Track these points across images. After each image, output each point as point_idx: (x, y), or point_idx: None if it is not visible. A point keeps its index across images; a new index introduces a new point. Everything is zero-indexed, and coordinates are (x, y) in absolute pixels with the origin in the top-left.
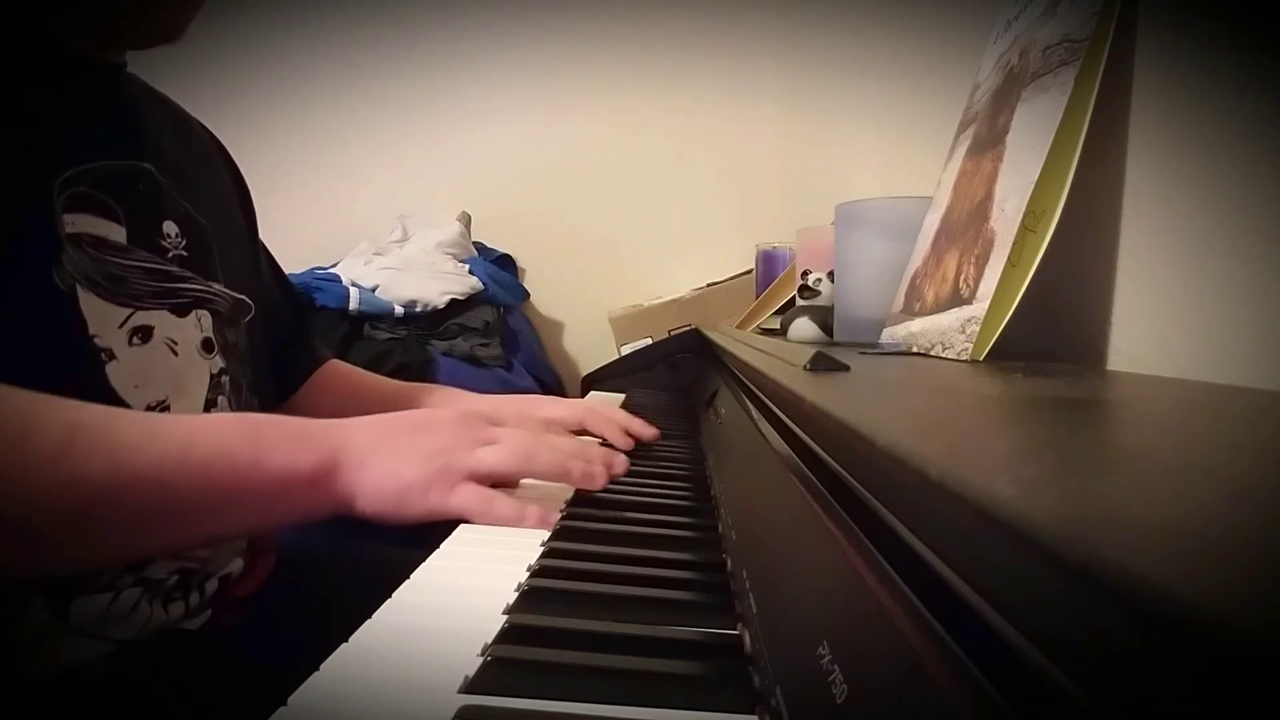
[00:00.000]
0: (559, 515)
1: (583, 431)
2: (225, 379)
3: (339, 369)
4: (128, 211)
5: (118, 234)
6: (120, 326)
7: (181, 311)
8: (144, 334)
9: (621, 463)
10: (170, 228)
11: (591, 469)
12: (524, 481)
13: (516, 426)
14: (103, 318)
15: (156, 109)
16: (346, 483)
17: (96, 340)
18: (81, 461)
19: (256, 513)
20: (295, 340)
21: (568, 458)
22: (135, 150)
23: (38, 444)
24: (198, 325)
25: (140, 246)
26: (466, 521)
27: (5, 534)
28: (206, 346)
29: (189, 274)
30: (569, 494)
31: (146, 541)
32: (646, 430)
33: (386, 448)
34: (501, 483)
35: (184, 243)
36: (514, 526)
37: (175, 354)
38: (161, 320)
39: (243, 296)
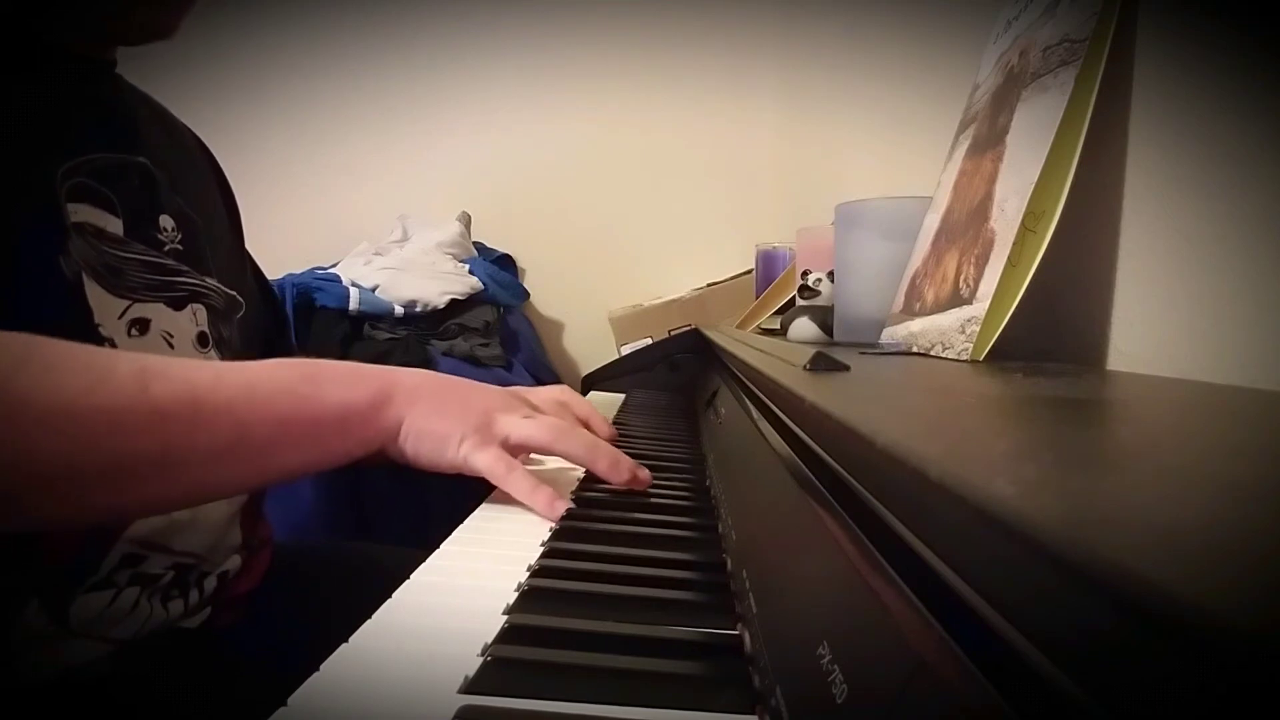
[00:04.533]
0: (567, 505)
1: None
2: None
3: None
4: (124, 204)
5: (115, 226)
6: (119, 318)
7: (177, 305)
8: (141, 326)
9: (646, 475)
10: (166, 221)
11: (618, 459)
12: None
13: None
14: (105, 307)
15: (146, 109)
16: (397, 416)
17: (101, 329)
18: (159, 400)
19: (317, 447)
20: (275, 344)
21: (598, 446)
22: (130, 145)
23: (117, 385)
24: (193, 319)
25: (137, 239)
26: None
27: (94, 475)
28: (202, 340)
29: (185, 268)
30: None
31: (219, 479)
32: (604, 427)
33: (437, 394)
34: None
35: (179, 237)
36: (524, 500)
37: (171, 347)
38: (158, 313)
39: (234, 293)
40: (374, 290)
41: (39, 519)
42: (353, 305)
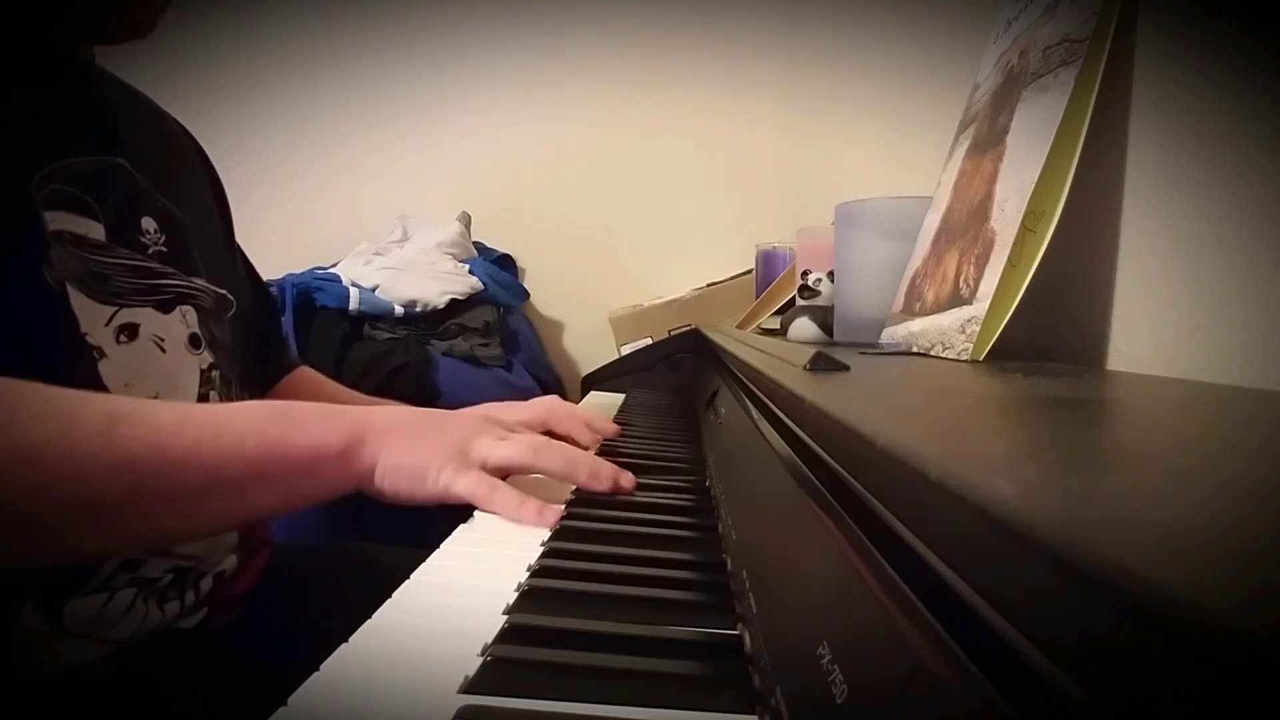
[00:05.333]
0: (559, 514)
1: (548, 432)
2: (215, 374)
3: (309, 376)
4: (105, 208)
5: (96, 231)
6: (106, 325)
7: (165, 308)
8: (130, 332)
9: (630, 479)
10: (149, 223)
11: (597, 470)
12: (524, 481)
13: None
14: (91, 316)
15: (129, 103)
16: (370, 457)
17: (88, 339)
18: (126, 446)
19: (287, 490)
20: (268, 342)
21: (576, 459)
22: (110, 146)
23: (83, 430)
24: (183, 321)
25: (119, 243)
26: (470, 509)
27: (61, 519)
28: (194, 342)
29: (170, 270)
30: (568, 497)
31: (188, 521)
32: (608, 426)
33: (408, 430)
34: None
35: (163, 238)
36: (512, 516)
37: (163, 350)
38: (146, 317)
39: (225, 291)
40: (374, 290)
41: (9, 559)
42: (353, 305)
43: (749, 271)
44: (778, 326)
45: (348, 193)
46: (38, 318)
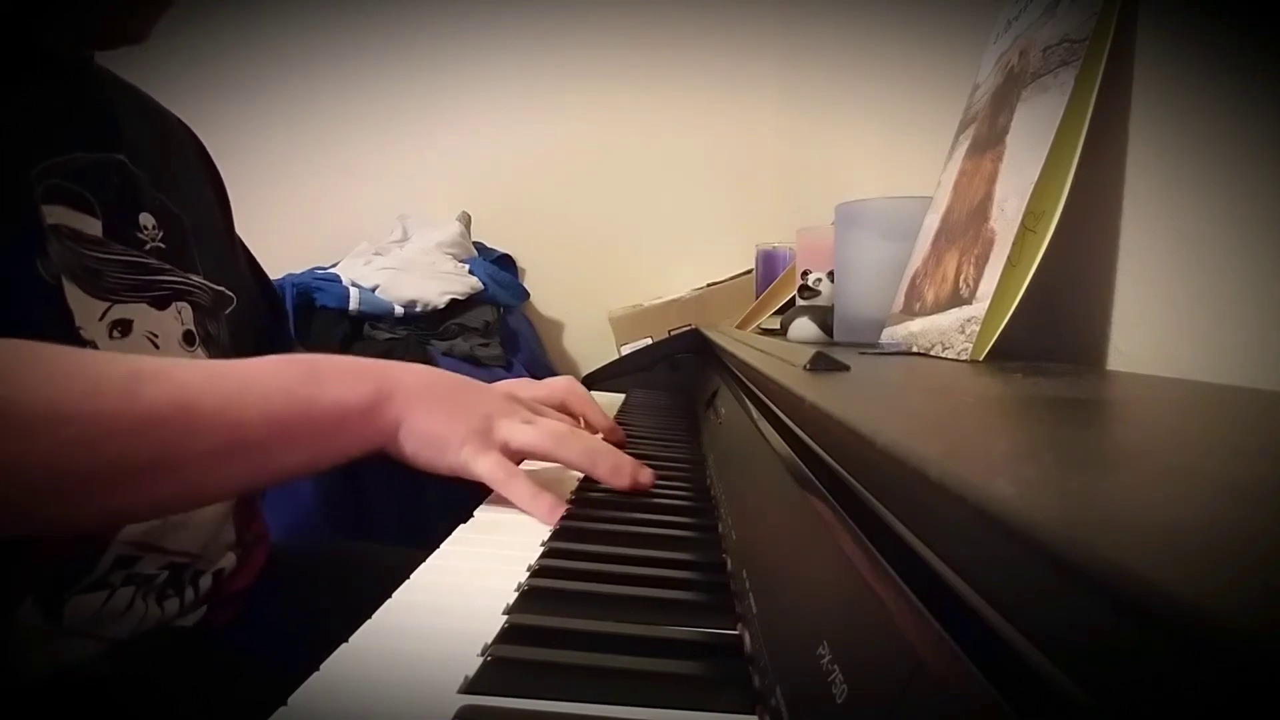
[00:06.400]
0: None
1: (564, 408)
2: None
3: None
4: (103, 204)
5: (93, 227)
6: (100, 320)
7: (161, 304)
8: (124, 328)
9: (649, 475)
10: (146, 219)
11: (619, 465)
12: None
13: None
14: (85, 310)
15: (128, 102)
16: (396, 415)
17: (83, 332)
18: (151, 405)
19: (314, 448)
20: (273, 337)
21: (598, 452)
22: (108, 142)
23: (107, 392)
24: (178, 318)
25: (116, 239)
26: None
27: (87, 482)
28: (188, 339)
29: (167, 266)
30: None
31: (214, 482)
32: (603, 421)
33: (437, 395)
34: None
35: (161, 234)
36: (524, 508)
37: (156, 347)
38: (141, 313)
39: (223, 289)
40: (374, 290)
41: (32, 525)
42: (353, 305)
43: (749, 271)
44: (778, 326)
45: (348, 193)
46: (34, 310)
